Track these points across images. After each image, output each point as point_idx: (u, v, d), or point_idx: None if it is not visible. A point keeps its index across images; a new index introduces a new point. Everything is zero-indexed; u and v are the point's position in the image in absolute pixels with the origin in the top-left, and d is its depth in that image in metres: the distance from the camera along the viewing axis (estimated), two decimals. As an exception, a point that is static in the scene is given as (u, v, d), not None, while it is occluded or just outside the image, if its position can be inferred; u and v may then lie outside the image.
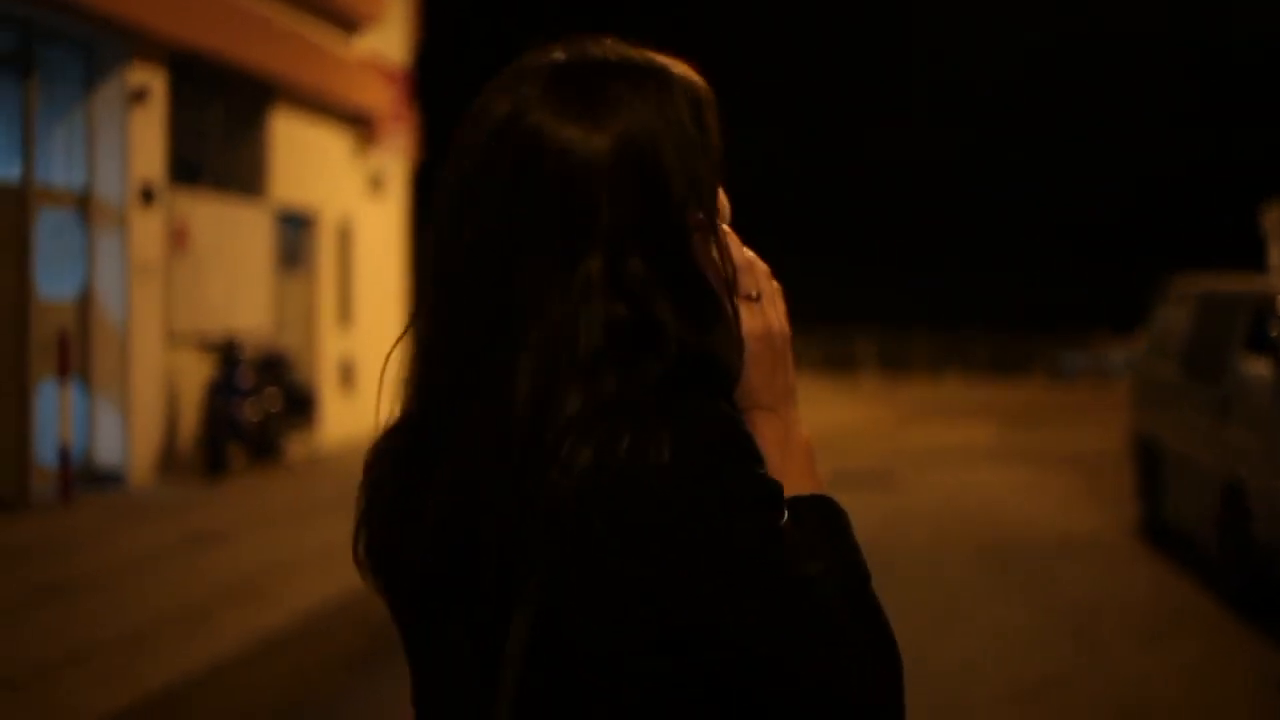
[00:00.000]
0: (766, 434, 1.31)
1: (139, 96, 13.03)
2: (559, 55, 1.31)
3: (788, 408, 1.36)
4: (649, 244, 1.25)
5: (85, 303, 12.88)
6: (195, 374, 13.99)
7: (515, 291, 1.24)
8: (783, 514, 1.23)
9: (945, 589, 9.15)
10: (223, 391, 13.57)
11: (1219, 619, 8.36)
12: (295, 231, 17.18)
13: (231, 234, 15.18)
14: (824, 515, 1.31)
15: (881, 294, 51.04)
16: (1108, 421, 19.68)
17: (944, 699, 6.59)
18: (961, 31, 61.34)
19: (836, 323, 40.05)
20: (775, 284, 1.38)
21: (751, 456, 1.23)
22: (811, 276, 51.31)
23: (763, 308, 1.34)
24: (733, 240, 1.34)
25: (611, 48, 1.32)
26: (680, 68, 1.34)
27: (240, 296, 15.31)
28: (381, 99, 18.97)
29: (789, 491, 1.28)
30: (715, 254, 1.30)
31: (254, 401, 13.86)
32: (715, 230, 1.30)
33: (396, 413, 1.36)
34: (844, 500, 1.36)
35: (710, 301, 1.28)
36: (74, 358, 12.29)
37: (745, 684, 1.20)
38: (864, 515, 12.56)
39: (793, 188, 58.58)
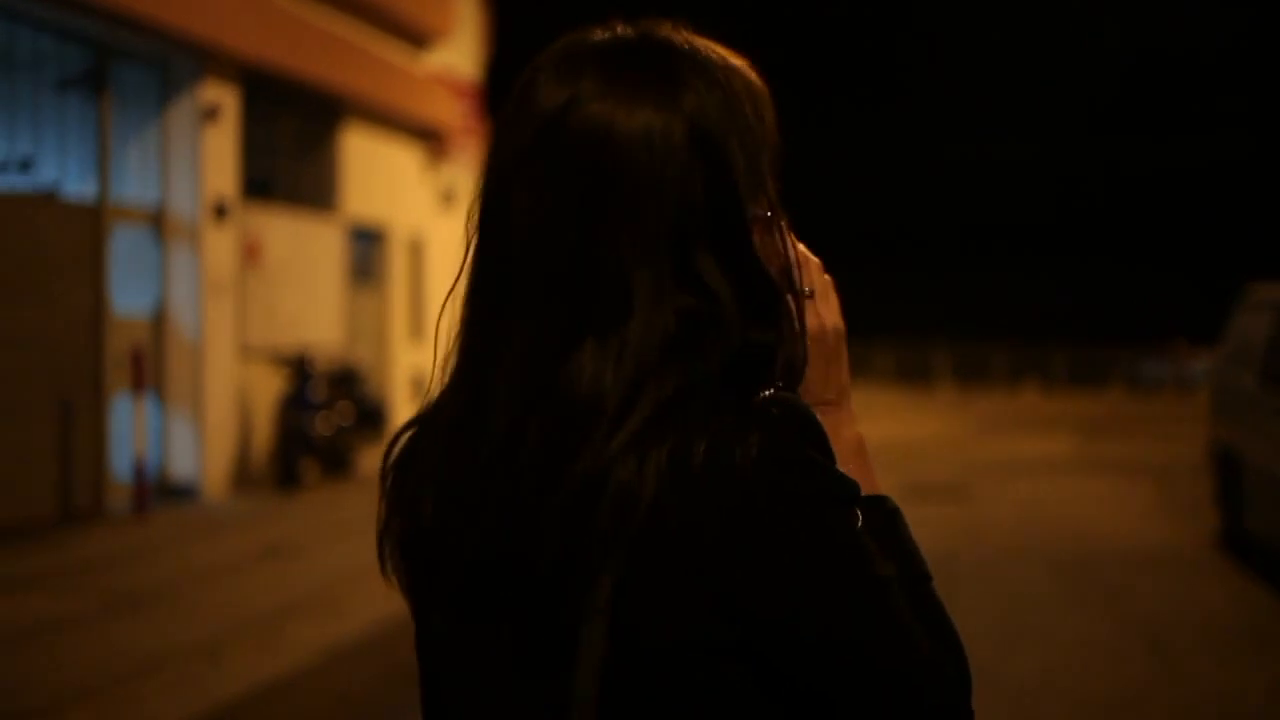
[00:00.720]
0: (828, 430, 1.27)
1: (211, 114, 13.18)
2: (623, 33, 1.27)
3: (840, 407, 1.34)
4: (714, 234, 1.21)
5: (160, 318, 13.03)
6: (268, 388, 14.11)
7: (580, 279, 1.20)
8: (859, 513, 1.20)
9: (1021, 601, 9.02)
10: (295, 405, 13.67)
11: (1302, 633, 8.18)
12: (367, 246, 17.31)
13: (303, 249, 15.31)
14: (884, 515, 1.28)
15: (958, 304, 50.66)
16: (1187, 432, 19.39)
17: (1019, 712, 6.49)
18: (1040, 38, 60.87)
19: (912, 333, 39.77)
20: (828, 278, 1.34)
21: (826, 452, 1.20)
22: (887, 286, 51.10)
23: (816, 304, 1.32)
24: (789, 235, 1.30)
25: (673, 31, 1.28)
26: (739, 60, 1.31)
27: (312, 311, 15.43)
28: (452, 113, 19.07)
29: None
30: (776, 248, 1.27)
31: (326, 415, 13.95)
32: (777, 224, 1.27)
33: (429, 407, 1.31)
34: (919, 512, 1.33)
35: (773, 295, 1.24)
36: (149, 372, 12.43)
37: (824, 684, 1.18)
38: (939, 527, 12.42)
39: (870, 197, 58.34)
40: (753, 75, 1.31)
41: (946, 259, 57.07)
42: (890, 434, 21.25)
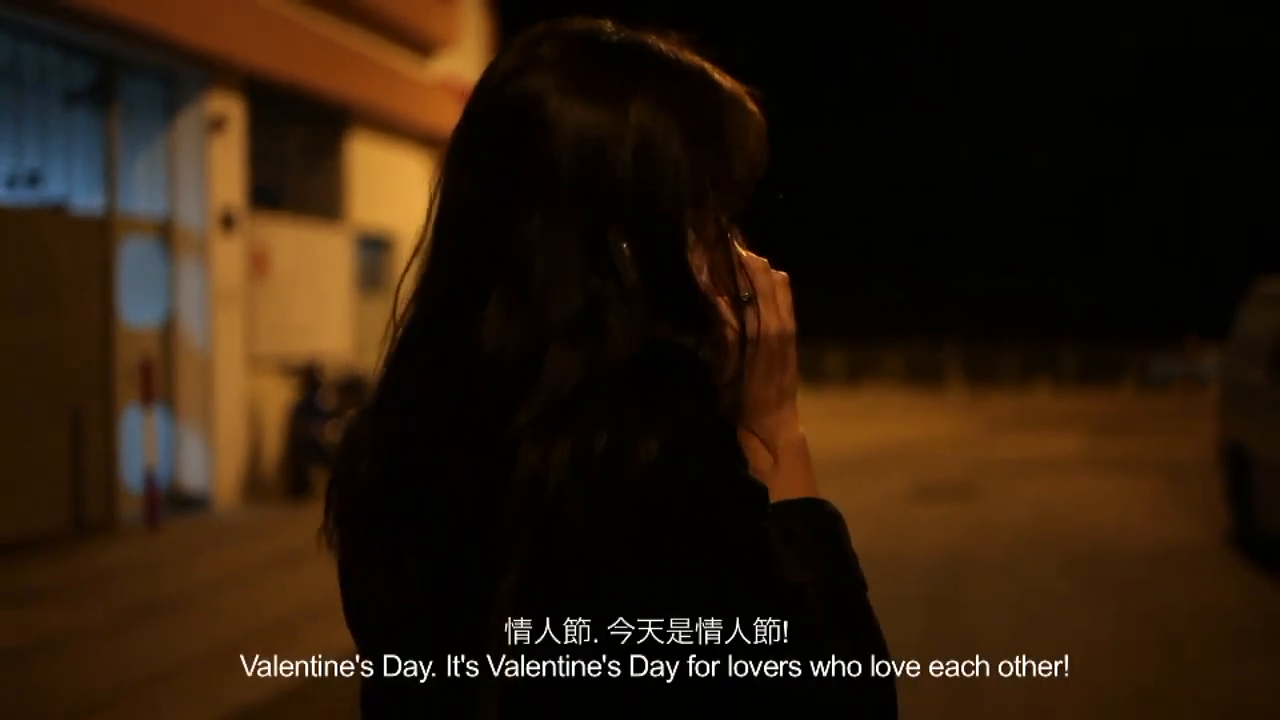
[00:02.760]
0: (757, 435, 1.27)
1: (218, 125, 13.21)
2: (600, 27, 1.28)
3: (781, 408, 1.31)
4: (639, 229, 1.21)
5: (169, 329, 13.07)
6: (277, 397, 14.14)
7: (493, 243, 1.22)
8: (767, 518, 1.18)
9: (1032, 599, 9.02)
10: (305, 414, 13.71)
11: (1314, 627, 8.17)
12: (375, 254, 17.34)
13: (311, 258, 15.34)
14: (816, 520, 1.25)
15: (967, 305, 50.61)
16: (1199, 429, 19.36)
17: (1032, 709, 6.49)
18: (1050, 38, 60.83)
19: (922, 334, 39.73)
20: (778, 276, 1.32)
21: (735, 456, 1.19)
22: (897, 288, 51.04)
23: (758, 309, 1.28)
24: (734, 243, 1.29)
25: (658, 38, 1.29)
26: (735, 85, 1.30)
27: (321, 320, 15.46)
28: (458, 121, 19.09)
29: (782, 494, 1.23)
30: (719, 260, 1.26)
31: (336, 423, 13.97)
32: (724, 238, 1.26)
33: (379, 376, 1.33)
34: (930, 512, 1.31)
35: (696, 300, 1.23)
36: (158, 383, 12.46)
37: (727, 693, 1.14)
38: (949, 526, 12.37)
39: (879, 198, 58.29)
40: (748, 103, 1.30)
41: (956, 260, 56.97)
42: (901, 435, 21.25)
